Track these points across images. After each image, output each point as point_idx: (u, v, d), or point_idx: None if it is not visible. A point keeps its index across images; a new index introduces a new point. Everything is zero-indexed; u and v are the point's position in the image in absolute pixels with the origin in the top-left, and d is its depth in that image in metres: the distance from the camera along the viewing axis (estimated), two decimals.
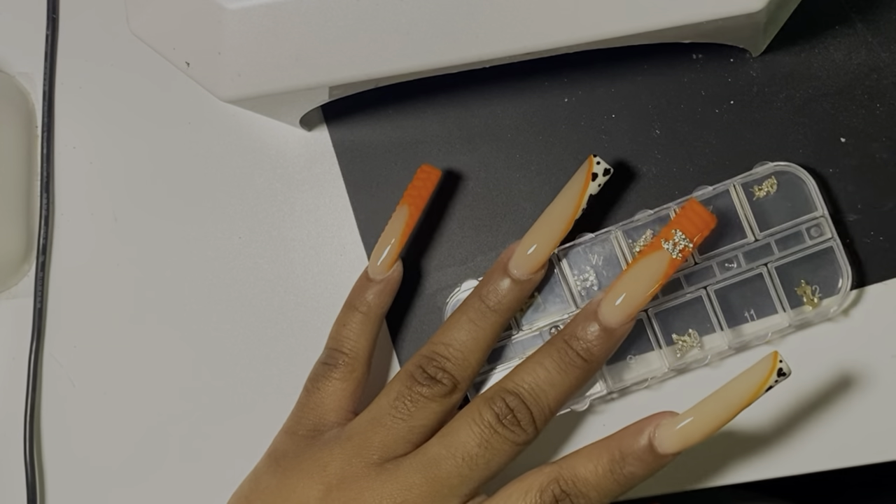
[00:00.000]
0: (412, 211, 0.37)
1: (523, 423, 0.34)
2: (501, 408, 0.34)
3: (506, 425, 0.34)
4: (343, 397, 0.37)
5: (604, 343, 0.35)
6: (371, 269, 0.38)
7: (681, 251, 0.34)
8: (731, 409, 0.33)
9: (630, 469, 0.33)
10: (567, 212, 0.36)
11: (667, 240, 0.34)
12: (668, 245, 0.34)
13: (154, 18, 0.33)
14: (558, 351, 0.35)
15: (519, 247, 0.36)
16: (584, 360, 0.35)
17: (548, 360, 0.35)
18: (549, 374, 0.35)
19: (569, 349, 0.35)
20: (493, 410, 0.34)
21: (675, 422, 0.33)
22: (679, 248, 0.34)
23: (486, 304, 0.36)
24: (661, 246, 0.34)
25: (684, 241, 0.34)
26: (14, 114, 0.42)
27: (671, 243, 0.34)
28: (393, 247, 0.37)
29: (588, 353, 0.35)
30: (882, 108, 0.39)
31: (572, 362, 0.35)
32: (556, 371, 0.35)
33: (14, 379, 0.43)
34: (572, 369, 0.35)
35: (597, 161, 0.36)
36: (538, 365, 0.35)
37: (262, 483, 0.37)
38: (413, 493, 0.34)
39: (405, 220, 0.37)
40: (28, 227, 0.43)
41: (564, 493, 0.33)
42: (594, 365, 0.35)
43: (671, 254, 0.34)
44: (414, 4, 0.31)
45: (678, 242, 0.34)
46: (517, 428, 0.34)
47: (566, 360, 0.35)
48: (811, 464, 0.38)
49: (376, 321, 0.38)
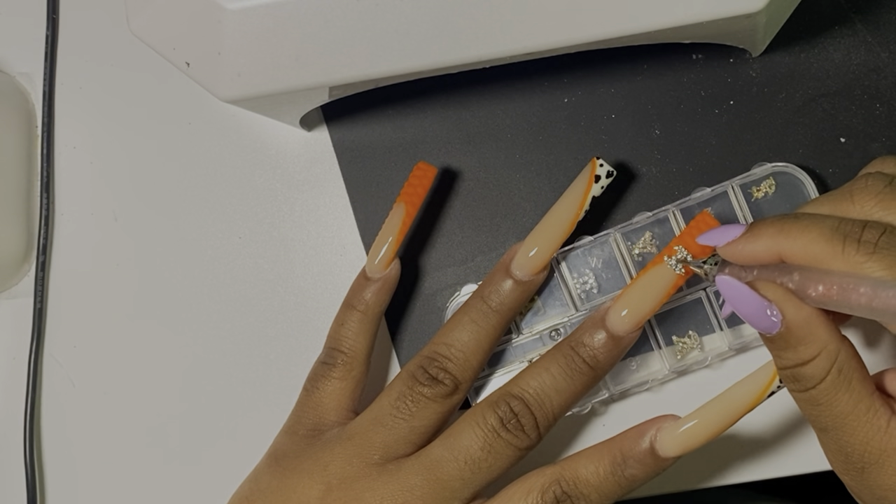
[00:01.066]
0: (409, 209, 0.37)
1: (527, 429, 0.34)
2: (506, 412, 0.34)
3: (509, 430, 0.34)
4: (342, 396, 0.37)
5: (610, 351, 0.35)
6: (368, 267, 0.38)
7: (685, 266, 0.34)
8: (732, 414, 0.33)
9: (631, 471, 0.33)
10: (570, 214, 0.36)
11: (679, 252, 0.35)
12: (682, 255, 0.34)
13: (154, 19, 0.33)
14: (565, 357, 0.35)
15: (521, 248, 0.36)
16: (591, 367, 0.35)
17: (554, 366, 0.35)
18: (554, 380, 0.35)
19: (575, 356, 0.35)
20: (497, 414, 0.34)
21: (677, 426, 0.33)
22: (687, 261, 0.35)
23: (488, 304, 0.36)
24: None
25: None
26: (14, 114, 0.42)
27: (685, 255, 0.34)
28: (390, 245, 0.37)
29: (594, 360, 0.35)
30: (882, 108, 0.39)
31: (578, 369, 0.35)
32: (562, 377, 0.35)
33: (14, 379, 0.43)
34: (578, 376, 0.35)
35: (600, 163, 0.36)
36: (544, 370, 0.35)
37: (262, 483, 0.37)
38: (414, 495, 0.34)
39: (402, 217, 0.37)
40: (28, 227, 0.43)
41: (566, 495, 0.33)
42: (600, 372, 0.35)
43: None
44: (414, 5, 0.31)
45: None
46: (521, 433, 0.34)
47: (572, 366, 0.35)
48: (811, 464, 0.38)
49: (375, 320, 0.38)
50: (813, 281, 0.29)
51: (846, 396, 0.29)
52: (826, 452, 0.31)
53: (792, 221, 0.30)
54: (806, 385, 0.30)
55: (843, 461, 0.30)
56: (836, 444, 0.30)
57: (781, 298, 0.29)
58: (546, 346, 0.39)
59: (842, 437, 0.30)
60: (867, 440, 0.29)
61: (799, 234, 0.30)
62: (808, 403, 0.30)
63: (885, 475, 0.29)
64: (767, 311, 0.29)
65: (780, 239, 0.30)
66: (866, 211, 0.30)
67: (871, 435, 0.29)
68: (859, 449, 0.29)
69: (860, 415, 0.29)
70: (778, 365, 0.31)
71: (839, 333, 0.30)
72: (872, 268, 0.28)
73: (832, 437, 0.30)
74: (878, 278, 0.28)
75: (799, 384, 0.30)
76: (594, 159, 0.36)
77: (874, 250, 0.28)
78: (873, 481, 0.29)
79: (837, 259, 0.29)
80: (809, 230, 0.30)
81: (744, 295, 0.30)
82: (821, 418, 0.30)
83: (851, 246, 0.29)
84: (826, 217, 0.30)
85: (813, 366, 0.29)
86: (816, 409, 0.30)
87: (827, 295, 0.29)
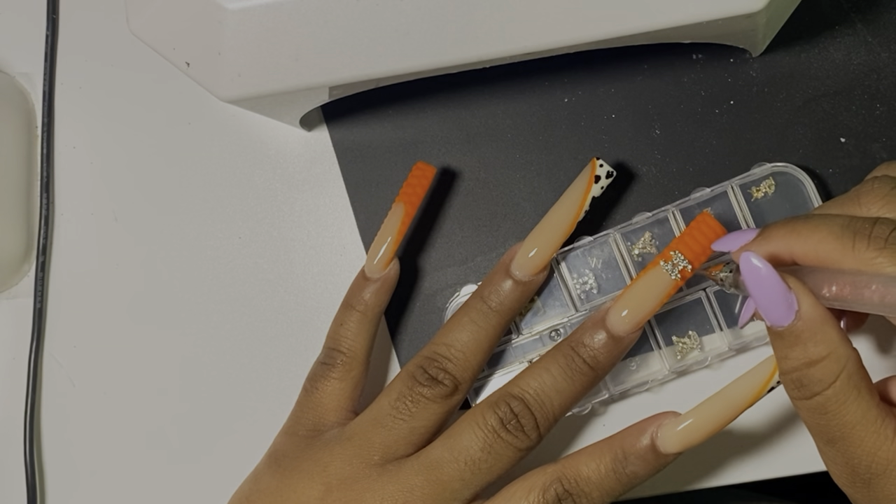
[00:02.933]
0: (407, 209, 0.37)
1: (527, 429, 0.34)
2: (506, 413, 0.34)
3: (510, 430, 0.34)
4: (342, 397, 0.37)
5: (611, 351, 0.35)
6: (368, 267, 0.38)
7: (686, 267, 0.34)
8: (732, 410, 0.33)
9: (632, 468, 0.33)
10: (570, 214, 0.36)
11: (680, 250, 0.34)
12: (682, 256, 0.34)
13: (154, 19, 0.33)
14: (565, 357, 0.35)
15: (521, 248, 0.36)
16: (591, 368, 0.35)
17: (554, 367, 0.35)
18: (554, 381, 0.35)
19: (576, 356, 0.35)
20: (497, 415, 0.34)
21: (677, 422, 0.33)
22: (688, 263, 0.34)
23: (488, 304, 0.36)
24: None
25: (684, 262, 0.34)
26: (14, 114, 0.42)
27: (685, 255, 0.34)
28: (389, 245, 0.37)
29: (595, 360, 0.35)
30: (882, 108, 0.39)
31: (579, 369, 0.35)
32: (562, 377, 0.35)
33: (14, 379, 0.43)
34: (578, 376, 0.35)
35: (600, 164, 0.36)
36: (544, 371, 0.35)
37: (262, 483, 0.37)
38: (414, 496, 0.34)
39: (401, 217, 0.37)
40: (28, 227, 0.43)
41: (567, 493, 0.33)
42: (600, 372, 0.35)
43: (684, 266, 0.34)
44: (414, 4, 0.31)
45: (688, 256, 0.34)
46: (521, 433, 0.34)
47: (573, 366, 0.35)
48: (811, 464, 0.38)
49: (374, 320, 0.38)
50: (826, 281, 0.29)
51: (854, 405, 0.29)
52: (829, 465, 0.31)
53: (802, 222, 0.30)
54: (812, 390, 0.29)
55: (850, 474, 0.30)
56: (843, 457, 0.29)
57: (800, 291, 0.29)
58: (546, 347, 0.39)
59: (848, 448, 0.29)
60: (874, 451, 0.29)
61: (810, 233, 0.30)
62: (814, 412, 0.30)
63: (894, 485, 0.29)
64: (787, 300, 0.29)
65: (791, 239, 0.30)
66: (874, 213, 0.30)
67: (879, 445, 0.29)
68: (866, 460, 0.29)
69: (868, 424, 0.29)
70: (784, 368, 0.30)
71: (849, 340, 0.29)
72: (883, 263, 0.28)
73: (839, 448, 0.29)
74: (890, 273, 0.28)
75: (805, 389, 0.29)
76: (594, 159, 0.36)
77: (885, 245, 0.28)
78: (881, 492, 0.29)
79: (848, 255, 0.29)
80: (819, 229, 0.30)
81: (769, 279, 0.29)
82: (828, 428, 0.29)
83: (862, 242, 0.29)
84: (836, 216, 0.30)
85: (821, 368, 0.29)
86: (823, 418, 0.29)
87: (840, 294, 0.28)
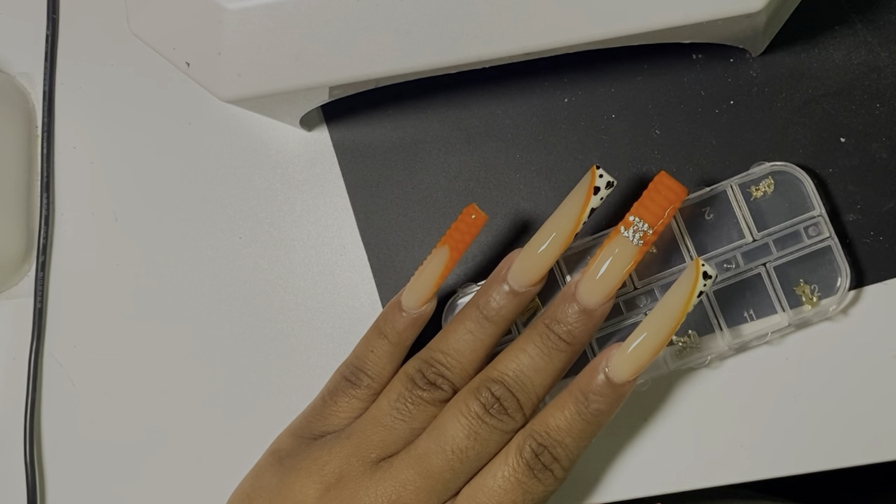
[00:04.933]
0: (452, 255, 0.36)
1: (511, 411, 0.34)
2: (487, 397, 0.34)
3: (493, 414, 0.34)
4: (356, 414, 0.37)
5: (584, 324, 0.35)
6: (405, 301, 0.37)
7: (648, 232, 0.34)
8: (670, 321, 0.34)
9: (595, 406, 0.34)
10: (567, 227, 0.35)
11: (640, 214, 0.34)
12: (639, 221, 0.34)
13: (154, 19, 0.33)
14: (540, 336, 0.35)
15: (517, 259, 0.36)
16: (567, 343, 0.35)
17: (530, 346, 0.35)
18: (532, 360, 0.35)
19: (550, 333, 0.35)
20: (479, 401, 0.34)
21: (624, 348, 0.34)
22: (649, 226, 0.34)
23: (484, 314, 0.36)
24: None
25: (644, 225, 0.34)
26: (14, 114, 0.43)
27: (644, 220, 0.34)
28: (429, 286, 0.36)
29: (570, 335, 0.35)
30: (882, 108, 0.39)
31: (555, 346, 0.35)
32: (540, 356, 0.35)
33: (14, 379, 0.43)
34: (556, 353, 0.35)
35: (599, 174, 0.35)
36: (521, 351, 0.35)
37: (263, 480, 0.37)
38: (407, 490, 0.34)
39: (445, 262, 0.36)
40: (28, 227, 0.43)
41: (542, 446, 0.34)
42: (577, 347, 0.35)
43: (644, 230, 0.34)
44: (414, 4, 0.31)
45: (649, 219, 0.34)
46: (505, 416, 0.34)
47: (549, 344, 0.35)
48: (811, 464, 0.38)
49: (403, 351, 0.38)
50: None
51: None
52: None
53: None
54: None
55: None
56: None
57: None
58: None
59: None
60: None
61: None
62: None
63: None
64: None
65: None
66: None
67: None
68: None
69: None
70: None
71: None
72: None
73: None
74: None
75: None
76: (594, 168, 0.35)
77: None
78: None
79: None
80: None
81: None
82: None
83: None
84: None
85: None
86: None
87: None
